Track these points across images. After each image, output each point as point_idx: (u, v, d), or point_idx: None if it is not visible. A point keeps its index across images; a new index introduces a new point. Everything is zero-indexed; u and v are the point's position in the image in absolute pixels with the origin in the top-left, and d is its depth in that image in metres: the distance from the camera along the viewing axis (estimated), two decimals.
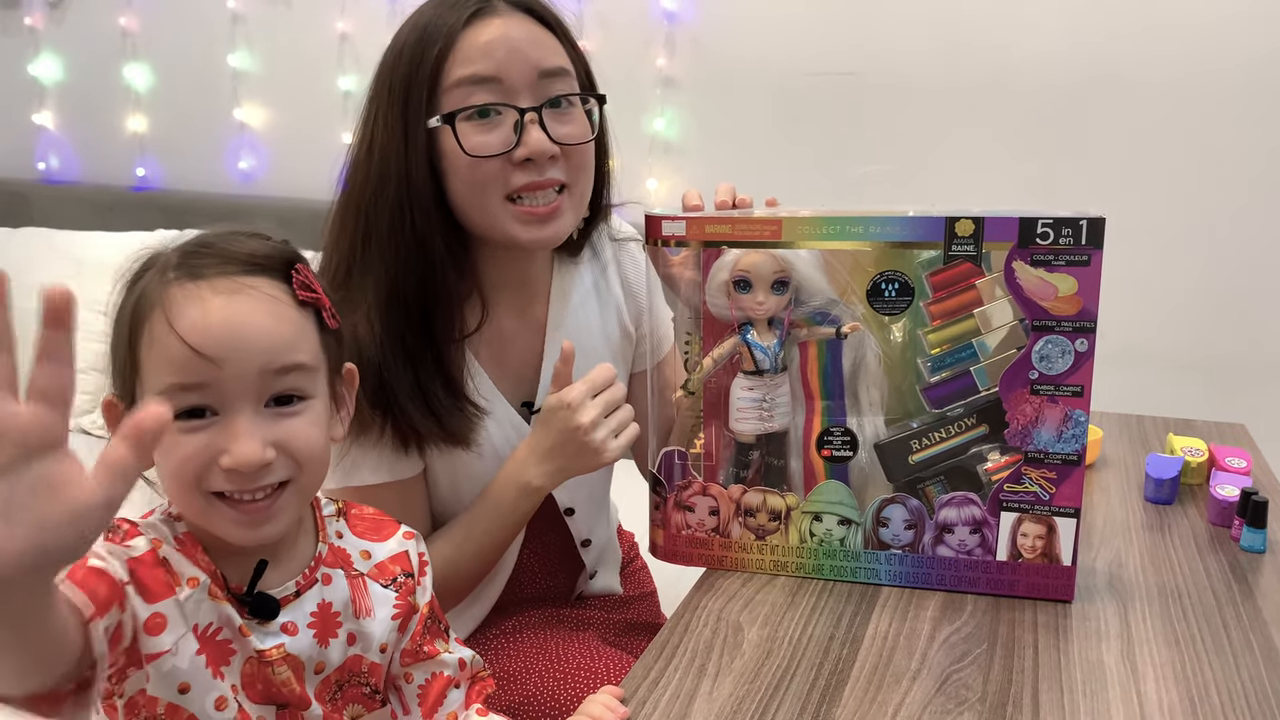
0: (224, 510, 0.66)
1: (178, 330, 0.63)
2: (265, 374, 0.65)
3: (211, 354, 0.63)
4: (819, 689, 0.75)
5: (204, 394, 0.64)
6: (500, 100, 0.88)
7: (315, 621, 0.72)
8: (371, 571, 0.76)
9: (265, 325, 0.66)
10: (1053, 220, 0.80)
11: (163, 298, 0.65)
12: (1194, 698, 0.74)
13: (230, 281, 0.66)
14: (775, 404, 0.90)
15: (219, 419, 0.65)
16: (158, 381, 0.64)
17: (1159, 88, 1.78)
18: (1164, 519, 1.03)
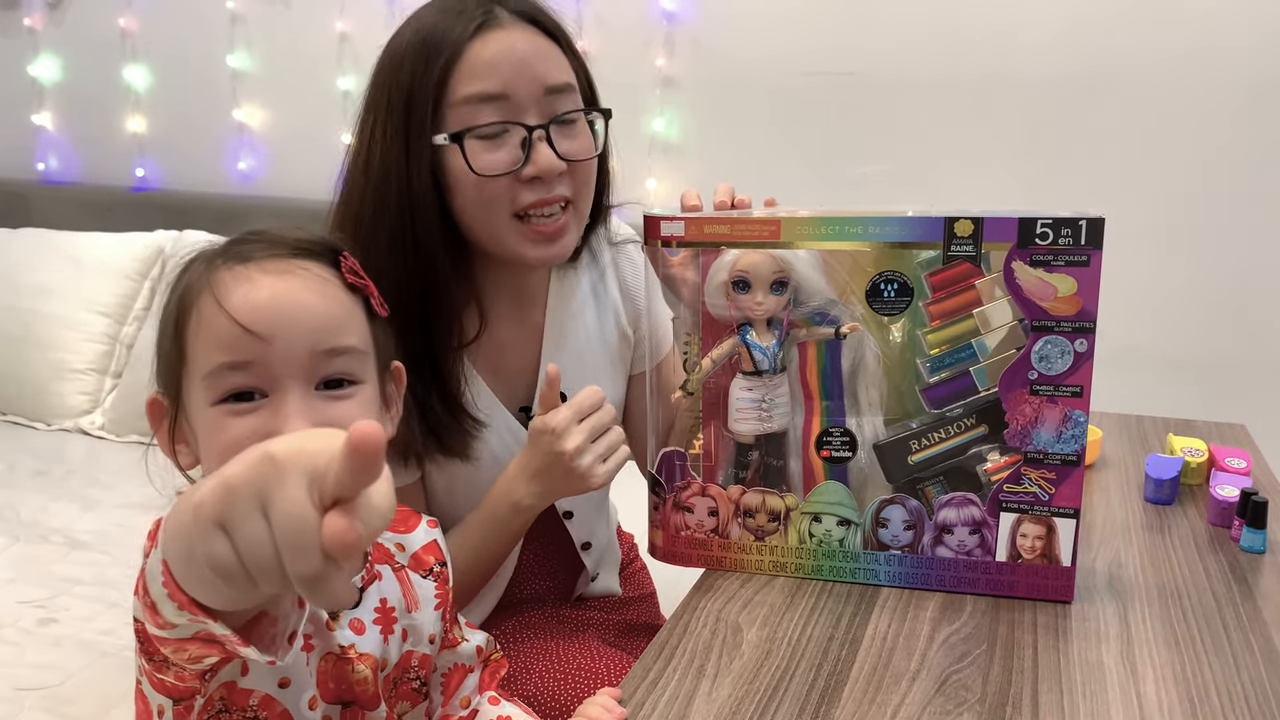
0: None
1: (226, 308, 0.62)
2: (315, 354, 0.63)
3: (261, 330, 0.61)
4: (818, 690, 0.75)
5: (252, 374, 0.62)
6: (508, 118, 0.87)
7: (379, 619, 0.71)
8: (410, 563, 0.76)
9: (315, 303, 0.64)
10: (1052, 220, 0.80)
11: (210, 281, 0.64)
12: (1194, 699, 0.74)
13: (279, 262, 0.65)
14: (774, 404, 0.90)
15: (268, 401, 0.62)
16: (206, 363, 0.62)
17: (1158, 88, 1.78)
18: (1164, 519, 1.03)
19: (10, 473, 1.97)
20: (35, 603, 1.51)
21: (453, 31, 0.87)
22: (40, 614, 1.48)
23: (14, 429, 2.19)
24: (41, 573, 1.60)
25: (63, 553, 1.66)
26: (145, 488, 1.88)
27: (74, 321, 2.20)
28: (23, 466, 1.99)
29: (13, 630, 1.44)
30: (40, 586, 1.55)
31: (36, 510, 1.81)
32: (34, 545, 1.69)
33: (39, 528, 1.75)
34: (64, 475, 1.96)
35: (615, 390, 1.06)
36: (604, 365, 1.05)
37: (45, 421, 2.20)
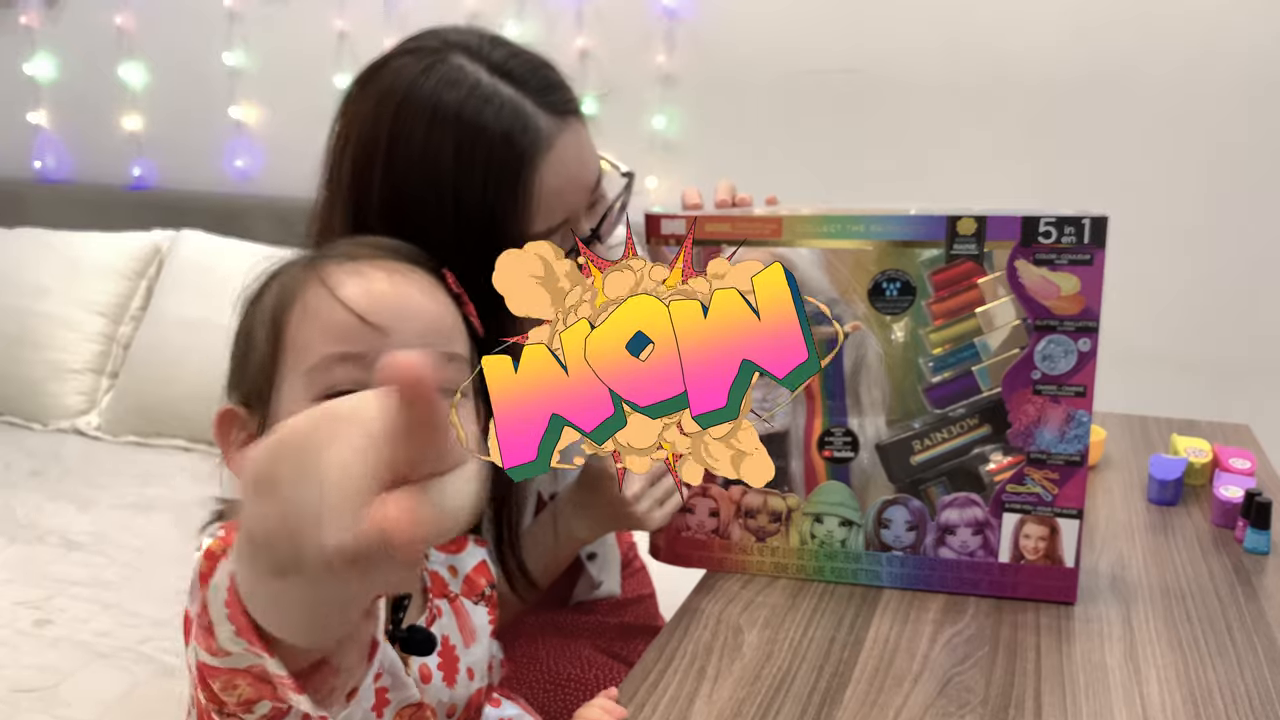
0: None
1: (341, 296, 0.58)
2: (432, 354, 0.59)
3: (379, 320, 0.57)
4: (820, 691, 0.74)
5: (364, 366, 0.57)
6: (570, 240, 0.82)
7: (443, 662, 0.66)
8: (463, 589, 0.71)
9: (429, 304, 0.61)
10: (1055, 219, 0.80)
11: (320, 273, 0.60)
12: (1197, 700, 0.73)
13: (388, 262, 0.62)
14: (775, 404, 0.89)
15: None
16: (312, 355, 0.57)
17: (1162, 86, 1.77)
18: (1167, 520, 1.03)
19: (6, 473, 1.96)
20: (31, 604, 1.50)
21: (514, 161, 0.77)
22: (36, 615, 1.47)
23: (10, 429, 2.19)
24: (37, 574, 1.59)
25: (59, 554, 1.66)
26: (142, 488, 1.88)
27: (70, 321, 2.20)
28: (19, 467, 1.98)
29: (9, 631, 1.43)
30: (36, 587, 1.55)
31: (32, 511, 1.80)
32: (30, 546, 1.68)
33: (35, 528, 1.74)
34: (60, 475, 1.95)
35: None
36: None
37: (41, 422, 2.19)
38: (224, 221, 2.24)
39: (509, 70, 0.79)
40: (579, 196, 0.83)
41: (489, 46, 0.81)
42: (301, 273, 0.61)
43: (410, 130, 0.77)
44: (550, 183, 0.79)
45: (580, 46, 2.02)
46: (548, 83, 0.81)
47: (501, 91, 0.78)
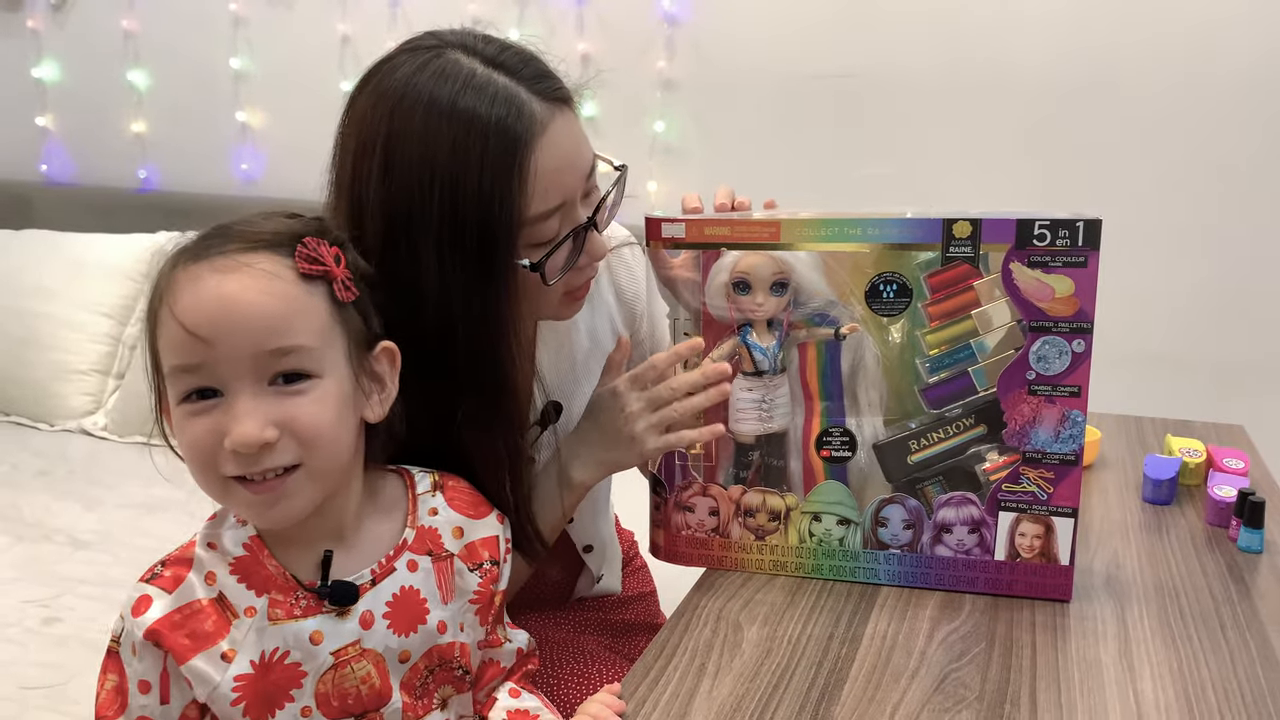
0: (239, 493, 0.66)
1: (174, 312, 0.64)
2: (260, 354, 0.64)
3: (204, 334, 0.63)
4: (818, 688, 0.76)
5: (203, 375, 0.64)
6: (569, 225, 0.84)
7: (393, 610, 0.71)
8: (461, 552, 0.75)
9: (255, 302, 0.64)
10: (1050, 222, 0.81)
11: (170, 282, 0.66)
12: (1190, 696, 0.74)
13: (227, 260, 0.65)
14: (774, 405, 0.90)
15: (223, 399, 0.64)
16: (166, 364, 0.66)
17: (1159, 90, 1.78)
18: (1162, 519, 1.04)
19: (14, 473, 1.97)
20: (39, 602, 1.51)
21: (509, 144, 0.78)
22: (44, 613, 1.48)
23: (17, 430, 2.20)
24: (45, 572, 1.60)
25: (66, 552, 1.67)
26: (148, 488, 1.88)
27: (76, 323, 2.21)
28: (26, 467, 2.00)
29: (17, 630, 1.44)
30: (44, 586, 1.56)
31: (40, 510, 1.81)
32: (37, 545, 1.70)
33: (42, 527, 1.75)
34: (66, 475, 1.96)
35: None
36: (598, 369, 1.05)
37: (48, 422, 2.21)
38: None
39: (502, 62, 0.81)
40: (574, 179, 0.84)
41: (482, 43, 0.83)
42: (164, 277, 0.67)
43: (407, 125, 0.78)
44: (546, 164, 0.80)
45: (581, 51, 2.03)
46: (539, 72, 0.83)
47: (496, 80, 0.80)
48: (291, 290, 0.66)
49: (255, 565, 0.69)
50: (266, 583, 0.68)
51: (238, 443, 0.63)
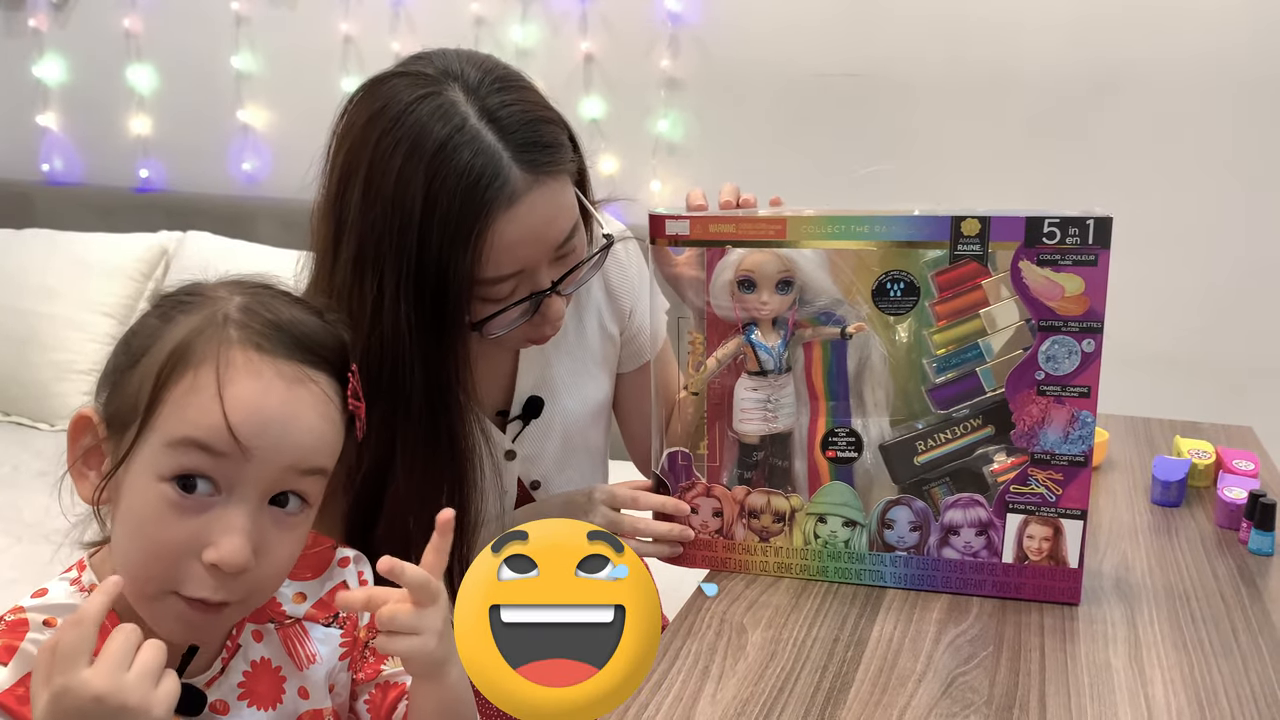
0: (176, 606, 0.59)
1: (224, 396, 0.58)
2: (289, 472, 0.60)
3: (245, 438, 0.58)
4: (823, 691, 0.74)
5: (218, 467, 0.58)
6: (524, 291, 0.84)
7: (247, 687, 0.66)
8: (309, 613, 0.70)
9: (314, 426, 0.61)
10: (1059, 220, 0.80)
11: (221, 353, 0.59)
12: (1202, 701, 0.73)
13: (295, 368, 0.61)
14: (780, 405, 0.89)
15: (218, 500, 0.59)
16: (178, 428, 0.58)
17: (1165, 89, 1.77)
18: (1171, 521, 1.03)
19: (14, 473, 1.97)
20: None
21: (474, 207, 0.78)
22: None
23: (17, 430, 2.19)
24: (44, 573, 1.59)
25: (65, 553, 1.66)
26: None
27: (78, 322, 2.20)
28: (26, 467, 1.99)
29: None
30: None
31: (40, 511, 1.80)
32: (36, 546, 1.69)
33: (41, 528, 1.74)
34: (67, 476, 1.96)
35: (601, 392, 1.05)
36: (587, 367, 1.03)
37: (49, 422, 2.20)
38: (230, 224, 2.25)
39: (499, 118, 0.80)
40: (537, 252, 0.82)
41: (488, 87, 0.81)
42: (208, 338, 0.60)
43: (390, 158, 0.78)
44: (508, 236, 0.79)
45: (585, 50, 2.02)
46: (535, 139, 0.81)
47: (483, 137, 0.79)
48: (337, 418, 0.64)
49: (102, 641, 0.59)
50: None
51: (224, 561, 0.57)
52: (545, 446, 1.01)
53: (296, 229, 0.90)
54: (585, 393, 1.03)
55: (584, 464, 1.05)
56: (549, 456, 1.01)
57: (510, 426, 0.99)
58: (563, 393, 1.01)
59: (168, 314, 0.63)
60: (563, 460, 1.02)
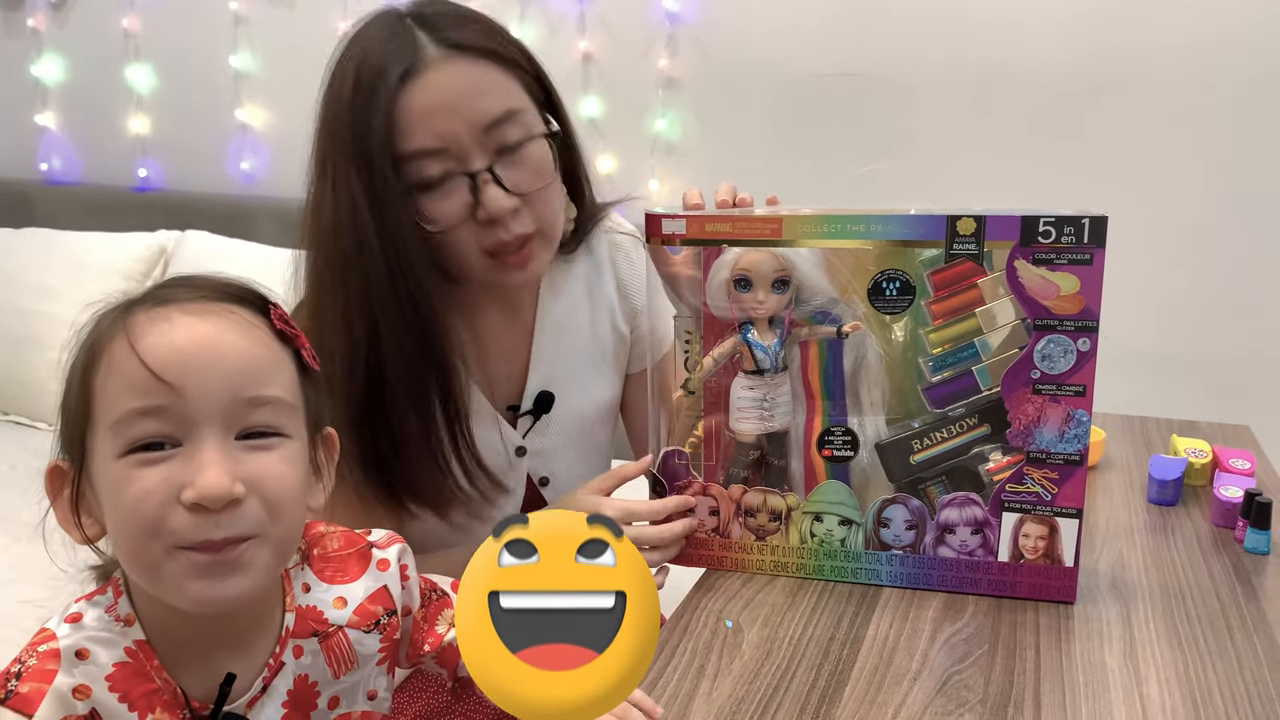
0: (185, 561, 0.57)
1: (138, 349, 0.57)
2: (236, 401, 0.58)
3: (172, 376, 0.56)
4: (819, 690, 0.75)
5: (165, 419, 0.57)
6: (450, 169, 0.85)
7: (290, 707, 0.65)
8: (351, 620, 0.68)
9: (239, 345, 0.59)
10: (1055, 219, 0.80)
11: (125, 323, 0.59)
12: (1197, 700, 0.73)
13: (202, 304, 0.60)
14: (776, 404, 0.90)
15: (181, 450, 0.57)
16: (113, 410, 0.57)
17: (1163, 87, 1.77)
18: (1167, 520, 1.03)
19: (11, 473, 1.97)
20: (36, 603, 1.51)
21: (383, 81, 0.84)
22: (41, 614, 1.47)
23: (16, 429, 2.20)
24: (42, 573, 1.59)
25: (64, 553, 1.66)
26: None
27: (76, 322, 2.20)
28: (24, 467, 1.99)
29: (13, 630, 1.44)
30: (41, 587, 1.55)
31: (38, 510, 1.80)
32: (35, 545, 1.68)
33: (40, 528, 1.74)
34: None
35: (610, 390, 1.06)
36: (598, 364, 1.04)
37: (47, 422, 2.20)
38: (229, 223, 2.25)
39: (424, 15, 0.87)
40: (456, 125, 0.84)
41: (431, 6, 0.89)
42: (111, 323, 0.60)
43: (335, 65, 0.88)
44: (416, 103, 0.84)
45: (583, 50, 2.02)
46: (455, 25, 0.87)
47: (404, 25, 0.87)
48: (270, 342, 0.62)
49: (138, 677, 0.59)
50: (150, 699, 0.59)
51: (204, 494, 0.55)
52: (554, 442, 1.01)
53: (295, 228, 0.91)
54: (596, 390, 1.03)
55: (591, 462, 1.06)
56: (558, 452, 1.02)
57: (521, 423, 0.99)
58: (574, 389, 1.01)
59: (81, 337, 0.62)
60: (571, 457, 1.03)
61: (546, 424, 1.00)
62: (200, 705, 0.61)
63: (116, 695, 0.59)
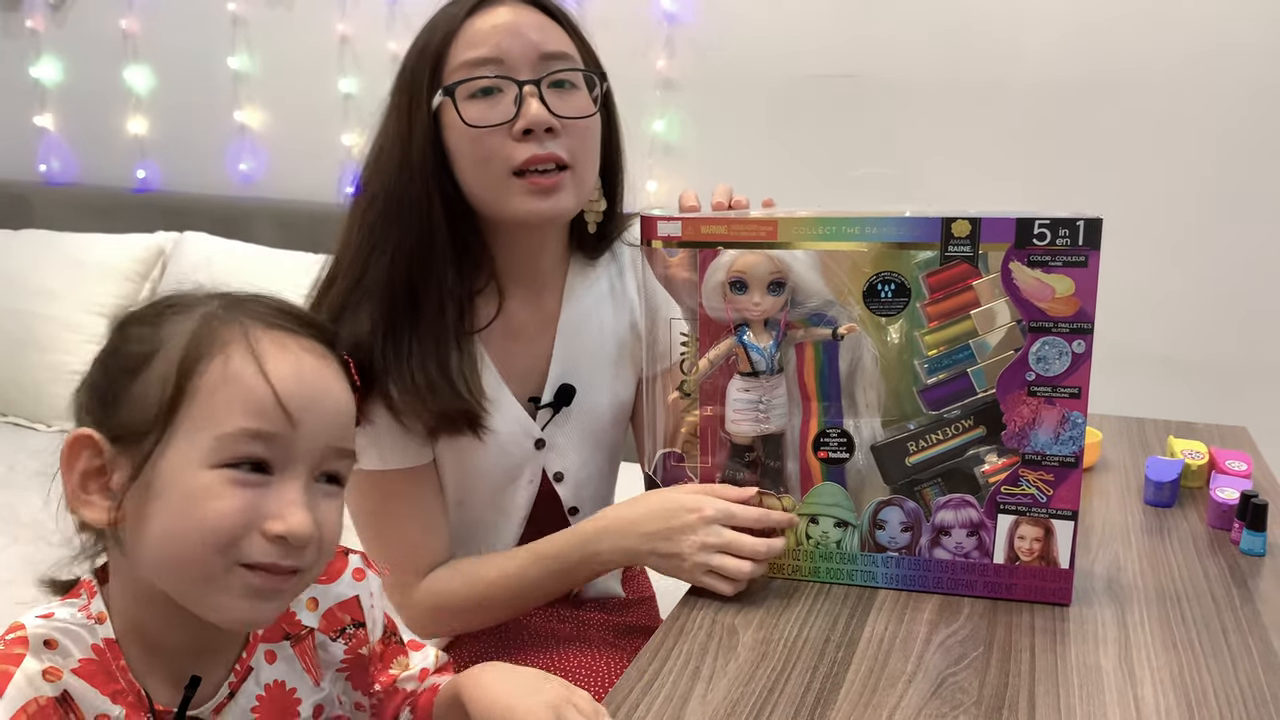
0: (243, 579, 0.58)
1: (269, 372, 0.58)
2: (329, 448, 0.61)
3: (294, 408, 0.59)
4: (814, 692, 0.75)
5: (271, 447, 0.59)
6: (500, 75, 0.90)
7: (261, 713, 0.65)
8: (320, 624, 0.70)
9: (341, 394, 0.63)
10: (1050, 221, 0.80)
11: (248, 338, 0.60)
12: (1191, 702, 0.73)
13: (312, 343, 0.63)
14: (772, 405, 0.90)
15: (273, 480, 0.59)
16: (222, 422, 0.58)
17: (1160, 90, 1.77)
18: (1163, 522, 1.03)
19: (10, 474, 1.97)
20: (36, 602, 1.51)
21: (453, 11, 0.92)
22: None
23: (14, 430, 2.20)
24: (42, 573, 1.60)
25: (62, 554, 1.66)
26: None
27: (75, 323, 2.20)
28: (23, 468, 1.99)
29: None
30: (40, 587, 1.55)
31: (36, 511, 1.80)
32: (33, 546, 1.69)
33: (38, 528, 1.74)
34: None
35: (626, 390, 1.06)
36: (616, 364, 1.05)
37: (46, 423, 2.20)
38: (227, 224, 2.25)
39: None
40: (512, 43, 0.90)
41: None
42: (225, 325, 0.60)
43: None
44: (482, 23, 0.91)
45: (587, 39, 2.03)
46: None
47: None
48: (351, 395, 0.65)
49: (103, 674, 0.60)
50: (116, 697, 0.60)
51: (293, 533, 0.58)
52: (571, 438, 1.02)
53: (293, 229, 0.93)
54: (612, 389, 1.04)
55: (603, 461, 1.07)
56: (572, 448, 1.03)
57: (540, 415, 1.00)
58: (592, 386, 1.02)
59: (154, 321, 0.61)
60: (585, 454, 1.04)
61: (565, 418, 1.01)
62: (164, 709, 0.61)
63: (84, 681, 0.59)
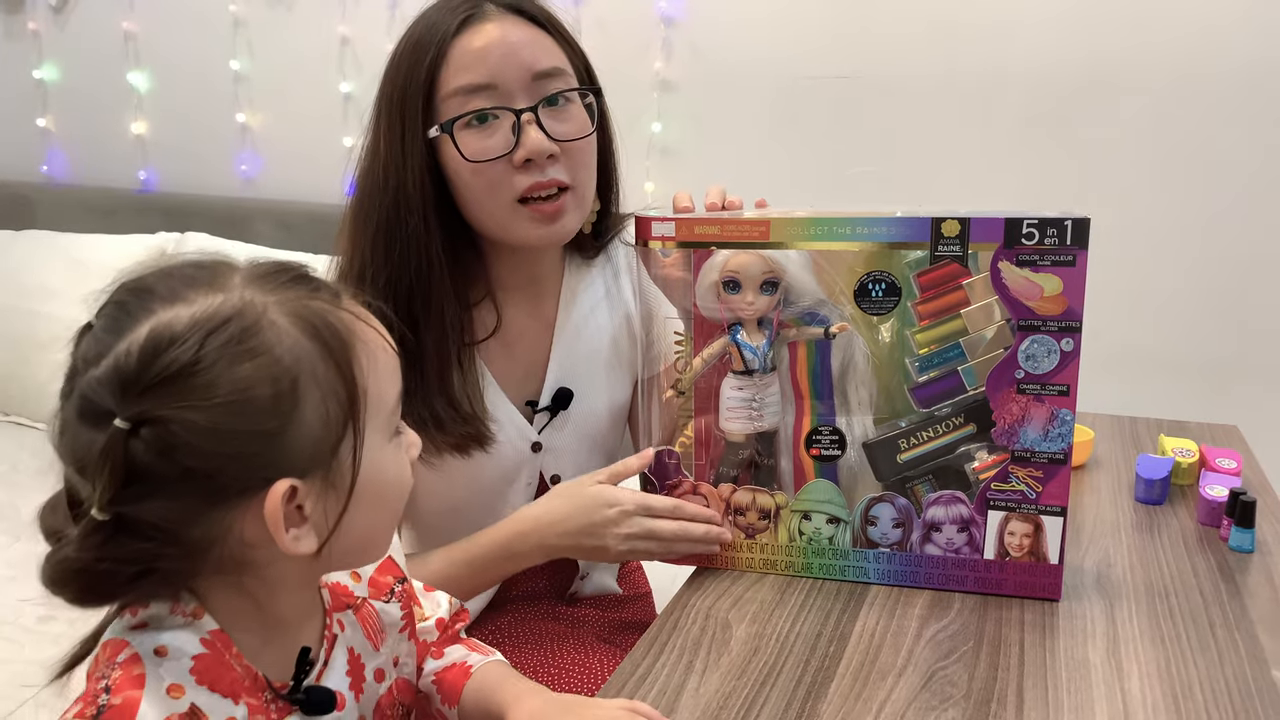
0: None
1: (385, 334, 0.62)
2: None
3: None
4: (805, 684, 0.76)
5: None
6: (496, 105, 0.89)
7: (351, 677, 0.66)
8: (370, 591, 0.72)
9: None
10: (1038, 221, 0.81)
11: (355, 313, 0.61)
12: (1177, 695, 0.74)
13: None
14: (765, 403, 0.91)
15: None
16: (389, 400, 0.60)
17: (1153, 90, 1.78)
18: (1154, 519, 1.04)
19: (12, 473, 1.98)
20: (35, 600, 1.51)
21: (440, 27, 0.90)
22: (40, 612, 1.49)
23: (16, 429, 2.21)
24: None
25: None
26: None
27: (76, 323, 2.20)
28: (25, 466, 2.00)
29: (13, 628, 1.45)
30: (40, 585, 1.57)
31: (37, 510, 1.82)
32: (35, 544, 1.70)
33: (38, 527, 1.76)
34: None
35: (622, 392, 1.07)
36: (613, 367, 1.06)
37: (47, 422, 2.21)
38: (228, 225, 2.26)
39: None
40: (508, 66, 0.89)
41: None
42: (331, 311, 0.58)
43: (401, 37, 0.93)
44: (471, 44, 0.89)
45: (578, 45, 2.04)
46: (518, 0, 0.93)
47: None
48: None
49: (220, 666, 0.58)
50: (234, 686, 0.58)
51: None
52: (568, 441, 1.03)
53: (294, 230, 0.94)
54: (609, 392, 1.05)
55: (600, 464, 1.07)
56: (570, 451, 1.04)
57: (537, 419, 1.01)
58: (591, 388, 1.03)
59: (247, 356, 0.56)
60: (582, 457, 1.05)
61: (563, 422, 1.02)
62: (280, 685, 0.61)
63: (206, 686, 0.57)
